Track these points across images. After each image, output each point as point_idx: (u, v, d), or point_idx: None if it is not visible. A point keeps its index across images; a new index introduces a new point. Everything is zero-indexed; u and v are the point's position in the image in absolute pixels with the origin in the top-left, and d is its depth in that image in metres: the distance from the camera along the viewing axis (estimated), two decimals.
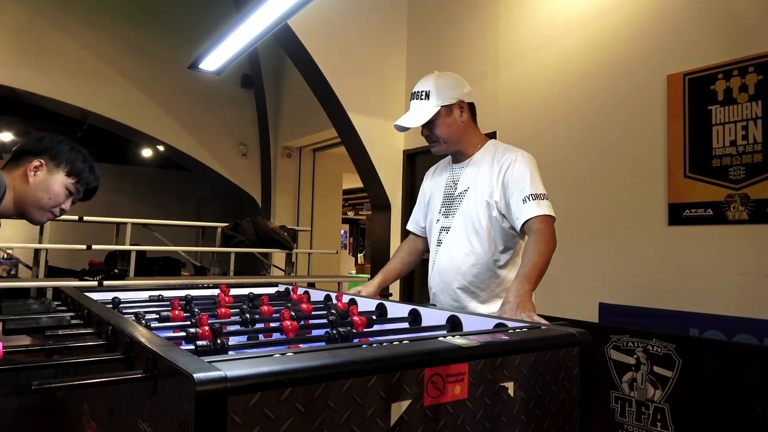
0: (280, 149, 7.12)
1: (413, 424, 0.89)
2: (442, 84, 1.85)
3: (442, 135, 1.87)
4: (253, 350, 1.00)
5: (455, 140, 1.89)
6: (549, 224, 1.70)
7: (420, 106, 1.85)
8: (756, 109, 2.66)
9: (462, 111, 1.86)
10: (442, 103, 1.83)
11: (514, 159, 1.81)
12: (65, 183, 1.66)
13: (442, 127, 1.86)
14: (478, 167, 1.87)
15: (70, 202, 1.71)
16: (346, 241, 15.06)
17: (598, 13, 3.40)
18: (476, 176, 1.86)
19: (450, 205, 1.91)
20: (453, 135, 1.87)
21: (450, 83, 1.86)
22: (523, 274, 1.59)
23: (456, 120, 1.86)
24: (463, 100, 1.86)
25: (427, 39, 4.77)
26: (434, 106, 1.82)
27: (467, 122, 1.89)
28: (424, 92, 1.84)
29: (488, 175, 1.83)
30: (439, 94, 1.83)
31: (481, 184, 1.84)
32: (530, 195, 1.73)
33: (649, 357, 2.54)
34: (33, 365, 0.98)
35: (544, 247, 1.64)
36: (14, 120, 7.81)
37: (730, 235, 2.72)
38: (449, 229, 1.89)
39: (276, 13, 3.16)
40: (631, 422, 2.57)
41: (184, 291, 2.11)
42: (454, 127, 1.86)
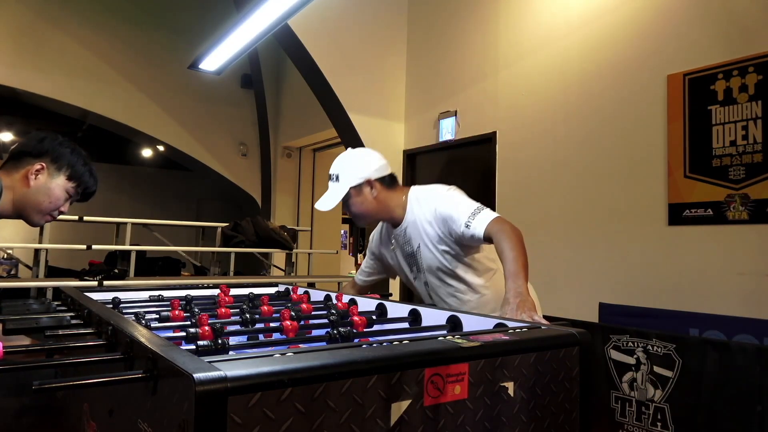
0: (280, 149, 7.12)
1: (413, 424, 0.89)
2: (349, 166, 1.90)
3: (357, 212, 1.92)
4: (253, 350, 1.00)
5: (372, 215, 1.94)
6: (501, 221, 1.76)
7: (332, 189, 1.90)
8: (756, 109, 2.66)
9: (372, 188, 1.89)
10: (351, 184, 1.87)
11: (436, 204, 1.86)
12: (66, 187, 1.67)
13: (356, 206, 1.90)
14: (416, 226, 1.91)
15: (69, 204, 1.72)
16: (346, 241, 15.05)
17: (598, 13, 3.40)
18: (419, 233, 1.90)
19: (415, 263, 1.97)
20: (368, 211, 1.92)
21: (356, 164, 1.90)
22: (512, 272, 1.62)
23: (367, 198, 1.90)
24: (371, 179, 1.89)
25: (427, 39, 4.77)
26: (343, 189, 1.87)
27: (380, 195, 1.92)
28: (335, 175, 1.90)
29: (429, 228, 1.87)
30: (346, 176, 1.88)
31: (428, 237, 1.88)
32: (467, 218, 1.77)
33: (649, 357, 2.54)
34: (33, 365, 0.98)
35: (513, 240, 1.69)
36: (14, 120, 7.82)
37: (730, 235, 2.72)
38: (428, 282, 1.97)
39: (276, 13, 3.16)
40: (631, 422, 2.57)
41: (184, 291, 2.11)
42: (367, 204, 1.90)
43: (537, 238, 3.65)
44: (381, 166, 1.93)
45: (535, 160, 3.74)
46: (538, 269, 1.76)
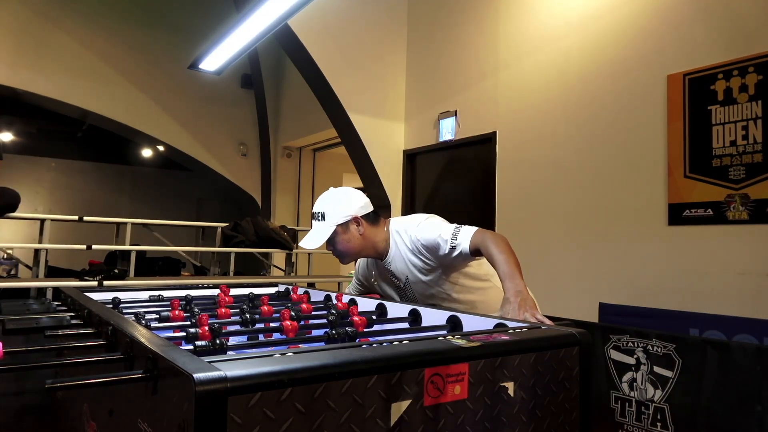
0: (280, 149, 7.12)
1: (413, 424, 0.89)
2: (334, 204, 1.91)
3: (343, 250, 1.92)
4: (253, 350, 1.00)
5: (357, 251, 1.95)
6: (482, 231, 1.78)
7: (318, 227, 1.90)
8: (756, 109, 2.66)
9: (358, 225, 1.91)
10: (337, 222, 1.88)
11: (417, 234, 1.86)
12: None
13: (342, 244, 1.91)
14: (402, 261, 1.93)
15: None
16: None
17: (598, 13, 3.40)
18: (405, 265, 1.92)
19: (405, 294, 1.99)
20: (353, 248, 1.93)
21: (342, 201, 1.91)
22: (507, 273, 1.63)
23: (353, 235, 1.91)
24: (357, 216, 1.91)
25: (427, 39, 4.77)
26: (330, 227, 1.88)
27: (366, 232, 1.93)
28: (320, 213, 1.90)
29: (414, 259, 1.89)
30: (332, 214, 1.89)
31: (416, 268, 1.90)
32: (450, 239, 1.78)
33: (649, 357, 2.54)
34: (33, 365, 0.98)
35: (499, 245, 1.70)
36: (14, 120, 7.81)
37: (730, 235, 2.72)
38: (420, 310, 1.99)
39: (276, 13, 3.16)
40: (631, 422, 2.57)
41: (184, 291, 2.11)
42: (354, 241, 1.91)
43: (537, 238, 3.65)
44: (365, 203, 1.95)
45: (535, 160, 3.74)
46: (538, 269, 1.76)
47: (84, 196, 8.48)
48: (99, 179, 8.65)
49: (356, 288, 2.24)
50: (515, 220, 3.85)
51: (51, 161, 8.41)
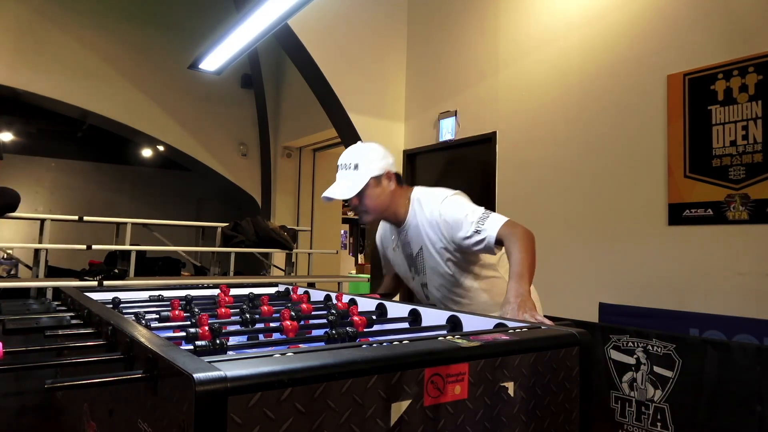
0: (280, 149, 7.12)
1: (413, 424, 0.89)
2: (371, 155, 1.86)
3: (371, 205, 1.86)
4: (253, 350, 1.00)
5: (383, 209, 1.89)
6: (514, 224, 1.74)
7: (348, 177, 1.83)
8: (756, 109, 2.66)
9: (390, 180, 1.88)
10: (372, 174, 1.83)
11: (441, 210, 1.82)
12: None
13: (371, 198, 1.84)
14: (418, 229, 1.89)
15: None
16: (346, 241, 15.05)
17: (598, 13, 3.40)
18: (421, 236, 1.88)
19: (415, 264, 1.96)
20: (381, 205, 1.88)
21: (378, 154, 1.87)
22: (517, 273, 1.61)
23: (384, 190, 1.86)
24: (391, 171, 1.88)
25: (427, 39, 4.77)
26: (364, 178, 1.82)
27: (394, 191, 1.90)
28: (353, 163, 1.83)
29: (431, 234, 1.85)
30: (368, 165, 1.83)
31: (430, 241, 1.86)
32: (476, 222, 1.73)
33: (649, 357, 2.54)
34: (33, 365, 0.98)
35: (524, 243, 1.67)
36: (14, 120, 7.81)
37: (730, 235, 2.72)
38: (428, 284, 1.95)
39: (276, 13, 3.16)
40: (631, 422, 2.57)
41: (184, 291, 2.11)
42: (383, 197, 1.86)
43: (537, 237, 3.65)
44: (395, 162, 1.91)
45: (535, 160, 3.74)
46: (538, 269, 1.75)
47: (84, 196, 8.48)
48: (99, 179, 8.65)
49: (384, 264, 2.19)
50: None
51: (51, 161, 8.41)
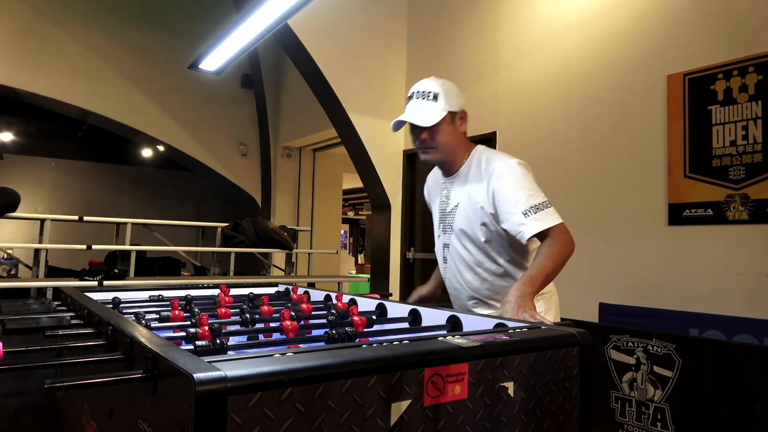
0: (280, 149, 7.12)
1: (413, 424, 0.89)
2: (450, 89, 1.76)
3: (443, 142, 1.76)
4: (253, 350, 0.99)
5: (451, 149, 1.80)
6: (559, 231, 1.64)
7: (427, 107, 1.72)
8: (756, 109, 2.66)
9: (462, 121, 1.80)
10: (450, 108, 1.73)
11: (500, 172, 1.71)
12: None
13: (444, 134, 1.75)
14: (465, 181, 1.80)
15: None
16: (346, 241, 15.05)
17: (598, 13, 3.40)
18: (465, 191, 1.79)
19: (445, 221, 1.86)
20: (451, 144, 1.78)
21: (456, 90, 1.79)
22: (529, 275, 1.57)
23: (457, 129, 1.78)
24: (465, 110, 1.80)
25: (427, 39, 4.77)
26: (442, 110, 1.72)
27: (463, 134, 1.82)
28: (432, 93, 1.72)
29: (477, 189, 1.75)
30: (448, 98, 1.73)
31: (471, 199, 1.76)
32: (524, 212, 1.63)
33: (649, 357, 2.54)
34: (33, 365, 0.98)
35: (558, 253, 1.60)
36: (14, 120, 7.81)
37: (730, 235, 2.72)
38: (449, 246, 1.85)
39: (276, 13, 3.16)
40: (631, 422, 2.57)
41: (184, 291, 2.11)
42: (454, 136, 1.77)
43: None
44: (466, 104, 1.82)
45: (535, 160, 3.72)
46: None
47: (84, 196, 8.48)
48: (99, 179, 8.65)
49: None
50: None
51: (51, 161, 8.41)
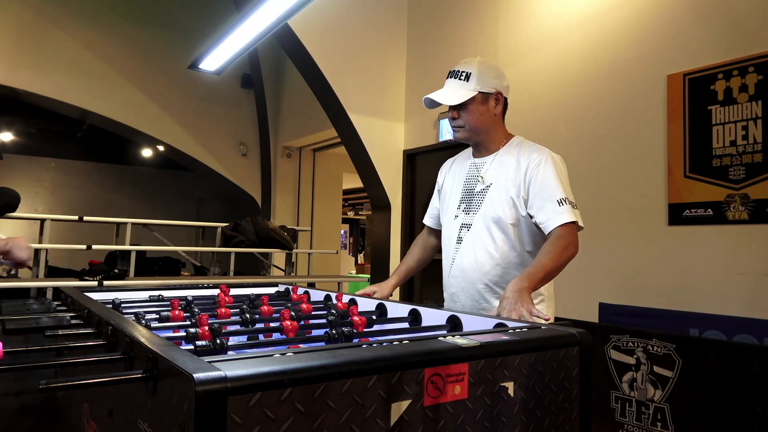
0: (280, 149, 7.12)
1: (413, 424, 0.89)
2: (486, 70, 1.78)
3: (472, 122, 1.79)
4: (253, 350, 1.00)
5: (482, 131, 1.82)
6: (571, 232, 1.67)
7: (457, 86, 1.76)
8: (756, 109, 2.66)
9: (497, 103, 1.81)
10: (481, 89, 1.75)
11: (542, 160, 1.75)
12: None
13: (473, 114, 1.78)
14: (502, 164, 1.81)
15: None
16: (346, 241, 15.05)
17: (598, 13, 3.40)
18: (501, 173, 1.80)
19: (471, 201, 1.85)
20: (481, 125, 1.80)
21: (493, 72, 1.81)
22: (528, 272, 1.57)
23: (489, 110, 1.79)
24: (501, 93, 1.81)
25: (427, 39, 4.77)
26: (472, 90, 1.75)
27: (499, 116, 1.83)
28: (465, 73, 1.76)
29: (514, 173, 1.77)
30: (480, 79, 1.75)
31: (507, 182, 1.77)
32: (558, 200, 1.68)
33: (649, 357, 2.54)
34: (33, 365, 0.98)
35: (559, 253, 1.62)
36: (14, 120, 7.81)
37: (730, 235, 2.72)
38: (471, 227, 1.83)
39: (276, 13, 3.16)
40: (631, 422, 2.57)
41: (184, 291, 2.11)
42: (486, 117, 1.79)
43: None
44: (508, 87, 1.85)
45: None
46: None
47: (84, 196, 8.48)
48: (99, 179, 8.65)
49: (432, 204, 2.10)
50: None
51: (51, 161, 8.41)
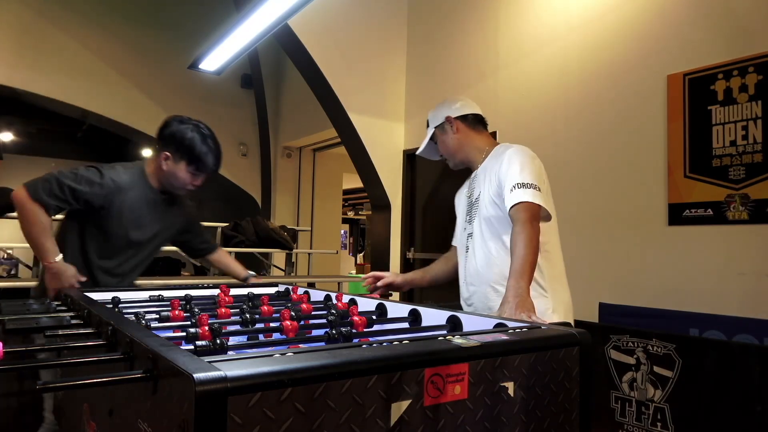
0: (280, 149, 7.12)
1: (413, 424, 0.89)
2: (435, 109, 2.06)
3: (444, 151, 2.05)
4: (253, 350, 0.99)
5: (454, 153, 2.03)
6: (527, 210, 1.72)
7: (427, 135, 2.09)
8: (756, 109, 2.66)
9: (452, 125, 2.01)
10: (435, 125, 2.04)
11: (511, 153, 1.87)
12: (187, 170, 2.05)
13: (442, 146, 2.05)
14: (485, 171, 1.95)
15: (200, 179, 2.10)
16: (346, 241, 15.05)
17: (598, 13, 3.40)
18: (485, 179, 1.93)
19: (471, 212, 2.00)
20: (451, 149, 2.03)
21: (440, 106, 2.06)
22: (516, 271, 1.60)
23: (450, 136, 2.02)
24: (450, 116, 2.01)
25: (427, 39, 4.77)
26: (430, 130, 2.07)
27: (463, 134, 2.02)
28: (427, 121, 2.09)
29: (492, 176, 1.89)
30: (432, 119, 2.05)
31: (488, 186, 1.90)
32: (516, 184, 1.76)
33: (649, 357, 2.54)
34: (33, 365, 0.98)
35: (525, 236, 1.66)
36: (14, 120, 7.82)
37: (730, 235, 2.72)
38: (472, 234, 1.97)
39: (276, 13, 3.16)
40: (631, 422, 2.57)
41: (184, 291, 2.11)
42: (451, 142, 2.02)
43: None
44: (461, 105, 2.04)
45: None
46: None
47: None
48: None
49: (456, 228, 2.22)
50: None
51: (51, 161, 8.42)
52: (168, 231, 2.27)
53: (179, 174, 2.05)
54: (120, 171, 2.07)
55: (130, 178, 2.07)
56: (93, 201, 1.99)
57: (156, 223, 2.17)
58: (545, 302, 1.83)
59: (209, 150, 2.07)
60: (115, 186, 2.00)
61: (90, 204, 1.99)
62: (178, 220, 2.31)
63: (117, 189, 2.01)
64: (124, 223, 2.06)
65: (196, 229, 2.46)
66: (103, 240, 2.07)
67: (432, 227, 4.69)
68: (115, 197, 2.01)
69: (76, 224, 2.08)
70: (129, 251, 2.15)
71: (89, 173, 2.00)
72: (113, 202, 2.01)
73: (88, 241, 2.08)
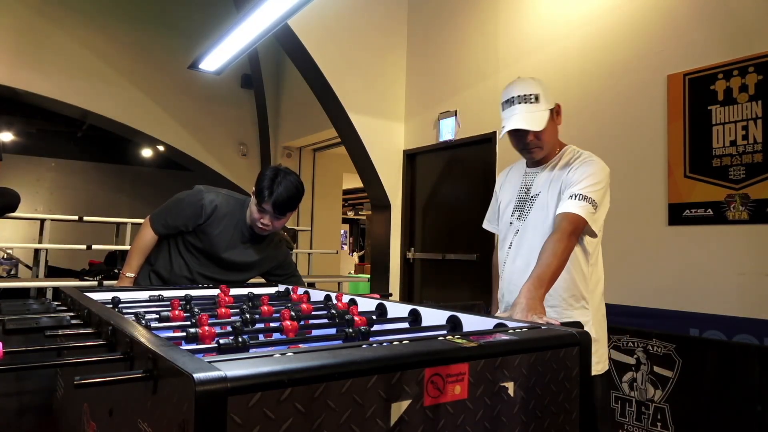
0: (280, 149, 7.12)
1: (413, 424, 0.89)
2: (547, 86, 1.82)
3: (547, 140, 1.82)
4: (253, 350, 1.00)
5: (553, 144, 1.86)
6: (572, 223, 1.67)
7: (532, 110, 1.76)
8: (756, 109, 2.66)
9: (559, 115, 1.86)
10: (550, 106, 1.80)
11: (585, 160, 1.78)
12: (255, 204, 2.17)
13: (548, 132, 1.81)
14: (551, 172, 1.85)
15: (267, 217, 2.17)
16: (346, 241, 15.06)
17: (598, 13, 3.40)
18: (548, 180, 1.84)
19: (522, 209, 1.90)
20: (553, 138, 1.86)
21: (541, 84, 1.84)
22: (537, 276, 1.56)
23: (555, 124, 1.85)
24: (559, 104, 1.86)
25: (427, 39, 4.77)
26: (545, 110, 1.77)
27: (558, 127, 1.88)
28: (533, 95, 1.77)
29: (558, 180, 1.81)
30: (546, 97, 1.79)
31: (552, 188, 1.81)
32: (575, 194, 1.69)
33: (649, 357, 2.54)
34: (33, 365, 0.98)
35: (559, 247, 1.61)
36: (14, 120, 7.81)
37: (730, 235, 2.72)
38: (519, 232, 1.88)
39: (276, 13, 3.16)
40: (631, 422, 2.58)
41: (184, 291, 2.11)
42: (555, 131, 1.85)
43: None
44: None
45: None
46: None
47: (84, 196, 8.48)
48: (99, 179, 8.64)
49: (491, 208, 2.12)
50: None
51: (51, 161, 8.41)
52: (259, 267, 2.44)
53: (252, 209, 2.20)
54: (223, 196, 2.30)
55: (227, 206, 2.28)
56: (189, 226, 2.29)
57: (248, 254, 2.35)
58: (585, 314, 1.81)
59: (272, 185, 2.13)
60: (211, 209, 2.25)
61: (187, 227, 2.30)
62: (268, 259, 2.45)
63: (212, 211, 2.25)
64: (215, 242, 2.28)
65: (288, 271, 2.57)
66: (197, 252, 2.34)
67: (432, 227, 4.69)
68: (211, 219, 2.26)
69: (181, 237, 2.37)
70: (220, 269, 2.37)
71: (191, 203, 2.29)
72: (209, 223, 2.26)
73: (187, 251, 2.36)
